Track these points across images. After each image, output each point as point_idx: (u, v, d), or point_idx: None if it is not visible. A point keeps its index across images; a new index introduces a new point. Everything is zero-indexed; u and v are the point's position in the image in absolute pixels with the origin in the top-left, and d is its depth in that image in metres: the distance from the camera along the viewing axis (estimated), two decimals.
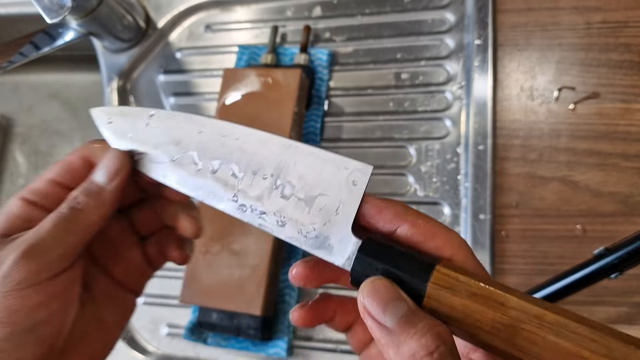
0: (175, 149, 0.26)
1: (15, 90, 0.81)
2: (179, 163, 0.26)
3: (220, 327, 0.49)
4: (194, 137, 0.26)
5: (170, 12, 0.62)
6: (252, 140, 0.25)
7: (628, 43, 0.50)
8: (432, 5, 0.55)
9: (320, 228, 0.23)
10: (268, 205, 0.24)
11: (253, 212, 0.24)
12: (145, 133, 0.27)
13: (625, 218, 0.47)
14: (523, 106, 0.51)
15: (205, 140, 0.25)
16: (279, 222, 0.24)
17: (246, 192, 0.24)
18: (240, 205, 0.24)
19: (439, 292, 0.20)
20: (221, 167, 0.25)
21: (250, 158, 0.24)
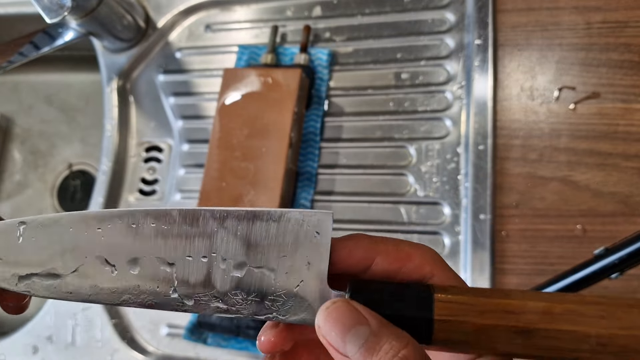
0: (73, 258, 0.21)
1: (15, 90, 0.81)
2: (84, 274, 0.21)
3: (220, 327, 0.49)
4: (94, 237, 0.21)
5: (170, 12, 0.62)
6: (175, 222, 0.21)
7: (628, 43, 0.50)
8: (432, 5, 0.55)
9: (292, 293, 0.20)
10: (219, 288, 0.21)
11: (200, 303, 0.21)
12: (22, 250, 0.22)
13: (626, 218, 0.46)
14: (523, 106, 0.51)
15: (111, 237, 0.21)
16: (239, 302, 0.21)
17: (187, 282, 0.21)
18: (185, 298, 0.21)
19: (446, 323, 0.19)
20: (143, 263, 0.21)
21: (176, 242, 0.21)
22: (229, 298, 0.21)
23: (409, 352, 0.17)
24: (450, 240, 0.49)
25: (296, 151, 0.53)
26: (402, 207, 0.51)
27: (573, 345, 0.18)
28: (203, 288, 0.21)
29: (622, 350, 0.18)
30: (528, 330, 0.18)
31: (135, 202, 0.60)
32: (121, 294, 0.21)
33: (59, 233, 0.22)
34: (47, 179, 0.76)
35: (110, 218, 0.21)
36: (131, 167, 0.61)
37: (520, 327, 0.18)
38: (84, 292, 0.21)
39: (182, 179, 0.58)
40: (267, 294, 0.20)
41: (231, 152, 0.51)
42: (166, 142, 0.61)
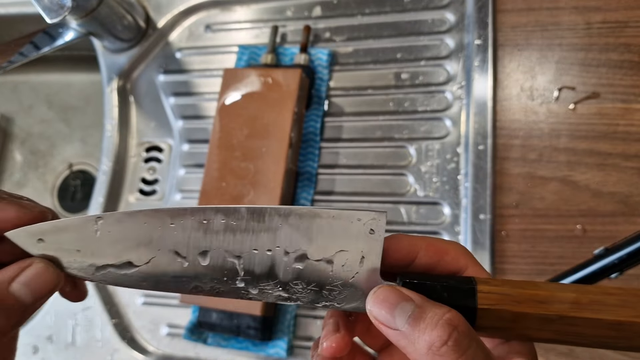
0: (147, 250, 0.23)
1: (15, 90, 0.81)
2: (157, 265, 0.23)
3: (220, 327, 0.49)
4: (167, 232, 0.23)
5: (170, 12, 0.62)
6: (242, 217, 0.23)
7: (628, 43, 0.50)
8: (432, 5, 0.55)
9: (347, 285, 0.22)
10: (282, 278, 0.22)
11: (265, 292, 0.23)
12: (99, 243, 0.23)
13: (625, 218, 0.47)
14: (523, 106, 0.51)
15: (183, 231, 0.23)
16: (299, 292, 0.23)
17: (252, 272, 0.23)
18: (249, 287, 0.23)
19: (487, 311, 0.21)
20: (213, 255, 0.23)
21: (244, 237, 0.23)
22: (290, 287, 0.22)
23: (453, 315, 0.19)
24: (450, 240, 0.49)
25: (296, 151, 0.53)
26: (402, 207, 0.51)
27: (596, 332, 0.21)
28: (267, 278, 0.22)
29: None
30: (557, 318, 0.21)
31: (136, 202, 0.60)
32: (190, 282, 0.23)
33: (133, 228, 0.23)
34: (48, 179, 0.76)
35: (182, 214, 0.23)
36: (131, 167, 0.62)
37: (550, 316, 0.21)
38: (155, 282, 0.23)
39: (182, 179, 0.59)
40: (325, 284, 0.22)
41: (231, 152, 0.51)
42: (166, 142, 0.61)
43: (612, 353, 0.44)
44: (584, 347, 0.22)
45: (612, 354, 0.44)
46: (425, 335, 0.19)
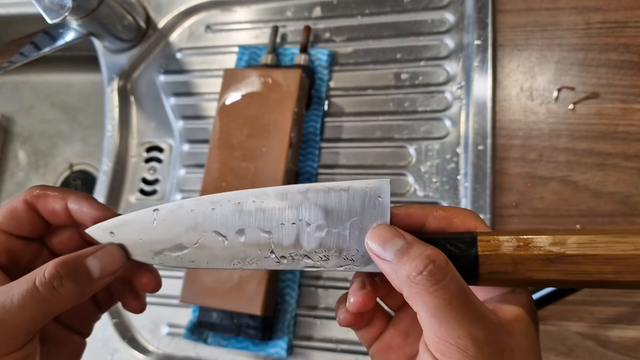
0: (194, 233, 0.27)
1: (16, 90, 0.81)
2: (204, 245, 0.27)
3: (221, 326, 0.49)
4: (209, 216, 0.26)
5: (170, 13, 0.62)
6: (269, 198, 0.26)
7: (628, 43, 0.50)
8: (432, 6, 0.55)
9: (362, 247, 0.25)
10: (307, 247, 0.26)
11: (295, 259, 0.26)
12: (156, 231, 0.27)
13: (625, 218, 0.47)
14: (523, 106, 0.51)
15: (222, 214, 0.26)
16: (322, 258, 0.26)
17: (281, 244, 0.26)
18: (280, 258, 0.26)
19: (489, 257, 0.23)
20: (247, 232, 0.26)
21: (272, 214, 0.26)
22: (314, 254, 0.26)
23: (433, 251, 0.22)
24: None
25: (296, 151, 0.53)
26: None
27: (597, 268, 0.22)
28: (294, 248, 0.26)
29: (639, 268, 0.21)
30: (556, 257, 0.22)
31: (136, 202, 0.60)
32: (232, 259, 0.26)
33: (183, 215, 0.27)
34: (48, 179, 0.76)
35: (221, 200, 0.26)
36: (132, 167, 0.62)
37: (549, 255, 0.22)
38: (203, 260, 0.27)
39: (182, 178, 0.59)
40: (344, 249, 0.25)
41: (231, 152, 0.51)
42: (167, 142, 0.61)
43: (612, 352, 0.45)
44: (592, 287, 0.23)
45: (612, 354, 0.45)
46: (406, 266, 0.21)
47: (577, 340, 0.45)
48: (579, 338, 0.45)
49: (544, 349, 0.45)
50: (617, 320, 0.45)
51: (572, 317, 0.46)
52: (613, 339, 0.45)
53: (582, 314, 0.45)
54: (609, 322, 0.45)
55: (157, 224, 0.27)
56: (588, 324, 0.45)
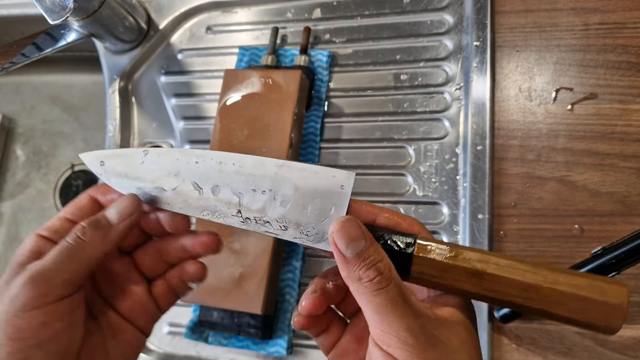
0: (175, 179, 0.29)
1: (18, 91, 0.81)
2: (181, 192, 0.29)
3: (221, 325, 0.49)
4: (192, 167, 0.29)
5: (171, 14, 0.63)
6: (248, 164, 0.28)
7: (626, 44, 0.50)
8: (431, 7, 0.55)
9: (318, 226, 0.27)
10: (270, 215, 0.28)
11: (257, 223, 0.28)
12: (142, 170, 0.30)
13: (623, 218, 0.47)
14: (521, 107, 0.51)
15: (203, 169, 0.29)
16: (281, 227, 0.28)
17: (249, 207, 0.28)
18: (245, 219, 0.28)
19: (421, 259, 0.26)
20: (222, 189, 0.29)
21: (247, 179, 0.28)
22: (275, 223, 0.28)
23: (383, 264, 0.25)
24: (448, 239, 0.50)
25: (296, 152, 0.53)
26: (402, 207, 0.52)
27: (509, 291, 0.25)
28: (259, 213, 0.28)
29: (545, 298, 0.24)
30: (479, 273, 0.25)
31: None
32: (203, 209, 0.29)
33: (169, 161, 0.29)
34: (50, 179, 0.77)
35: (205, 155, 0.29)
36: None
37: (473, 270, 0.25)
38: (176, 205, 0.29)
39: None
40: (302, 224, 0.28)
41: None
42: (168, 142, 0.62)
43: (610, 351, 0.45)
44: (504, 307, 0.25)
45: (610, 353, 0.45)
46: (360, 270, 0.24)
47: (575, 340, 0.45)
48: (578, 337, 0.45)
49: (542, 348, 0.46)
50: None
51: None
52: (611, 338, 0.45)
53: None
54: None
55: (144, 164, 0.30)
56: None
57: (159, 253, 0.31)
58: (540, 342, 0.46)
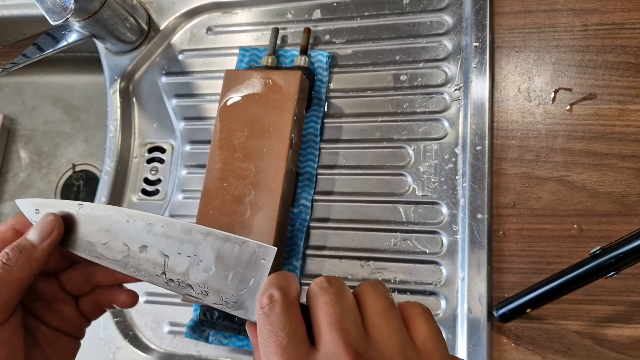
0: (106, 235, 0.30)
1: (19, 91, 0.82)
2: (110, 247, 0.30)
3: (222, 325, 0.49)
4: (122, 226, 0.30)
5: (172, 15, 0.63)
6: (176, 229, 0.30)
7: (624, 45, 0.50)
8: (430, 8, 0.56)
9: (237, 295, 0.28)
10: (193, 279, 0.29)
11: (180, 285, 0.29)
12: (74, 222, 0.31)
13: (622, 218, 0.47)
14: (520, 107, 0.51)
15: (133, 228, 0.30)
16: (203, 292, 0.29)
17: (173, 269, 0.29)
18: (169, 280, 0.29)
19: None
20: (149, 250, 0.30)
21: (174, 242, 0.29)
22: (197, 287, 0.29)
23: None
24: (448, 239, 0.50)
25: (296, 152, 0.54)
26: (401, 207, 0.52)
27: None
28: (182, 276, 0.29)
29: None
30: None
31: (138, 202, 0.61)
32: (129, 267, 0.30)
33: (101, 217, 0.31)
34: (51, 179, 0.77)
35: (136, 216, 0.30)
36: (134, 167, 0.62)
37: None
38: (106, 259, 0.30)
39: (184, 179, 0.59)
40: (222, 291, 0.29)
41: (232, 153, 0.52)
42: (168, 142, 0.62)
43: (609, 351, 0.45)
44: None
45: (609, 352, 0.45)
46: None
47: (574, 339, 0.46)
48: (576, 337, 0.46)
49: (540, 347, 0.46)
50: (614, 319, 0.46)
51: (570, 316, 0.46)
52: (610, 337, 0.45)
53: (579, 313, 0.46)
54: (606, 321, 0.46)
55: (77, 217, 0.31)
56: (585, 322, 0.46)
57: (86, 277, 0.33)
58: (539, 341, 0.46)
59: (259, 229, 0.49)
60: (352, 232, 0.52)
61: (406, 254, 0.51)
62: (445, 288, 0.49)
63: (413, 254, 0.50)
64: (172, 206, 0.58)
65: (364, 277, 0.51)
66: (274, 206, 0.49)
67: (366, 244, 0.52)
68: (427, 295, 0.49)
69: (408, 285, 0.50)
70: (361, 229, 0.52)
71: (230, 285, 0.28)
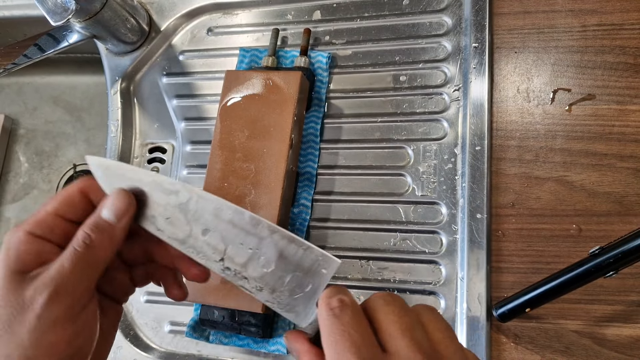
0: (171, 210, 0.29)
1: (20, 92, 0.82)
2: (173, 223, 0.30)
3: (222, 324, 0.49)
4: (190, 204, 0.29)
5: (172, 16, 0.63)
6: (244, 219, 0.29)
7: (623, 45, 0.50)
8: (430, 9, 0.56)
9: (291, 298, 0.28)
10: (250, 272, 0.29)
11: (236, 275, 0.29)
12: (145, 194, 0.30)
13: (621, 218, 0.47)
14: (519, 108, 0.51)
15: (201, 209, 0.29)
16: (257, 287, 0.29)
17: (232, 259, 0.29)
18: (225, 267, 0.29)
19: None
20: (211, 234, 0.29)
21: (239, 232, 0.29)
22: (252, 281, 0.29)
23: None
24: (447, 239, 0.50)
25: (297, 152, 0.54)
26: (401, 207, 0.52)
27: None
28: (240, 267, 0.29)
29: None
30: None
31: None
32: (187, 247, 0.29)
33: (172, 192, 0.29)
34: (52, 180, 0.77)
35: (207, 197, 0.29)
36: None
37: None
38: (166, 234, 0.30)
39: (184, 179, 0.59)
40: (277, 290, 0.28)
41: (233, 153, 0.52)
42: (169, 143, 0.62)
43: (608, 350, 0.45)
44: None
45: (608, 352, 0.45)
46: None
47: (573, 339, 0.46)
48: (575, 336, 0.46)
49: (540, 347, 0.46)
50: (613, 318, 0.46)
51: (569, 316, 0.46)
52: (609, 337, 0.45)
53: (578, 313, 0.46)
54: (605, 320, 0.46)
55: (145, 187, 0.30)
56: (584, 322, 0.46)
57: (144, 250, 0.32)
58: (538, 340, 0.46)
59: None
60: (352, 232, 0.53)
61: (406, 253, 0.51)
62: (444, 288, 0.49)
63: (412, 253, 0.51)
64: None
65: (363, 277, 0.51)
66: (274, 206, 0.49)
67: (366, 244, 0.52)
68: (426, 294, 0.50)
69: (407, 284, 0.50)
70: (361, 228, 0.53)
71: (287, 287, 0.28)
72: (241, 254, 0.29)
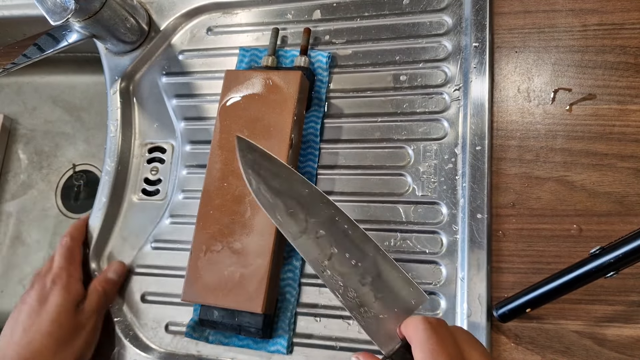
0: (295, 205, 0.34)
1: (19, 91, 0.82)
2: (293, 216, 0.34)
3: (222, 325, 0.49)
4: (315, 207, 0.34)
5: (172, 15, 0.63)
6: (357, 234, 0.32)
7: (624, 45, 0.50)
8: (430, 8, 0.56)
9: (376, 317, 0.31)
10: (346, 281, 0.32)
11: (331, 280, 0.32)
12: (275, 177, 0.35)
13: (621, 218, 0.47)
14: (520, 107, 0.51)
15: (320, 213, 0.33)
16: (348, 298, 0.32)
17: (333, 264, 0.32)
18: (324, 267, 0.32)
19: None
20: (324, 237, 0.33)
21: (349, 243, 0.32)
22: (346, 291, 0.32)
23: None
24: (447, 239, 0.50)
25: (296, 152, 0.54)
26: (401, 207, 0.52)
27: None
28: (339, 275, 0.32)
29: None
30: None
31: (139, 203, 0.61)
32: (299, 243, 0.34)
33: (298, 188, 0.36)
34: (51, 179, 0.77)
35: (329, 203, 0.34)
36: (134, 167, 0.62)
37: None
38: (282, 224, 0.34)
39: (184, 179, 0.59)
40: (365, 305, 0.32)
41: (233, 153, 0.52)
42: (169, 142, 0.62)
43: (608, 351, 0.45)
44: None
45: (608, 352, 0.45)
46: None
47: (573, 339, 0.46)
48: (576, 336, 0.46)
49: (540, 347, 0.46)
50: (614, 319, 0.46)
51: (569, 316, 0.46)
52: (609, 337, 0.45)
53: (578, 313, 0.46)
54: (605, 320, 0.46)
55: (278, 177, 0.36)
56: (585, 322, 0.46)
57: None
58: (538, 340, 0.46)
59: (259, 229, 0.49)
60: None
61: (406, 253, 0.51)
62: (444, 288, 0.49)
63: (413, 253, 0.51)
64: (172, 206, 0.59)
65: None
66: None
67: None
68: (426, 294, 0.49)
69: None
70: None
71: (376, 304, 0.31)
72: (344, 263, 0.32)
